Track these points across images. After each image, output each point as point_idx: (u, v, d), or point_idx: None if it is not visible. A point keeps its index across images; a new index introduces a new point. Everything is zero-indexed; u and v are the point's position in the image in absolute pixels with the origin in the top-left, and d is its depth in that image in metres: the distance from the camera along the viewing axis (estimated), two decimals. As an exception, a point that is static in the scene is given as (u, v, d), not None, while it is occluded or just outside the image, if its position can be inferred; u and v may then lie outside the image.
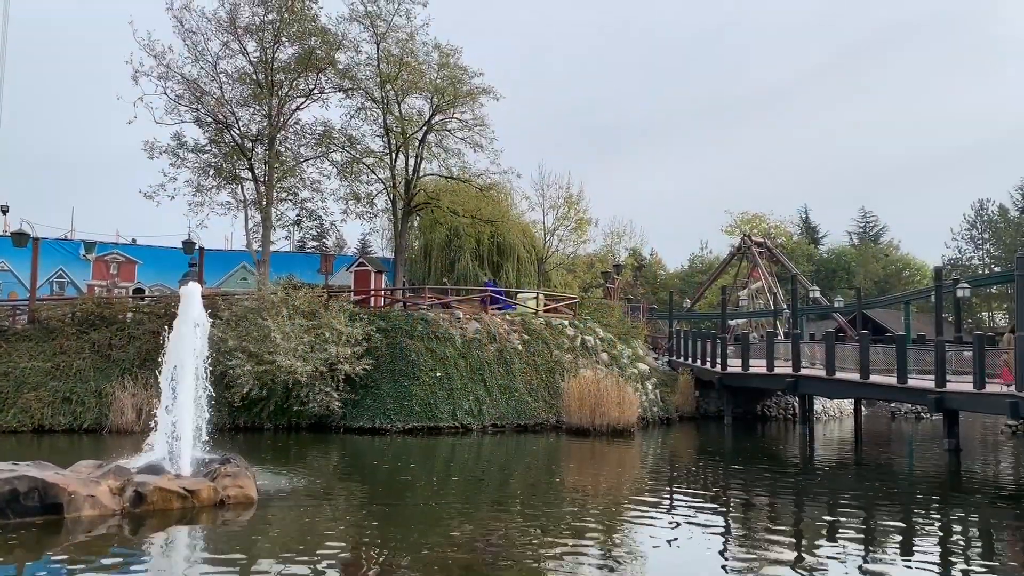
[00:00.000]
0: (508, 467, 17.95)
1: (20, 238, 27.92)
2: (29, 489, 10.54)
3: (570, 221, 40.57)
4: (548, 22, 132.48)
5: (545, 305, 30.36)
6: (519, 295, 31.02)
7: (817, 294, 50.63)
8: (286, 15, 28.02)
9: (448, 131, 32.58)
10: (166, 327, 13.81)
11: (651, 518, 11.80)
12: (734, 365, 27.58)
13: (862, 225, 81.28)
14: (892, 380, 20.50)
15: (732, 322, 48.28)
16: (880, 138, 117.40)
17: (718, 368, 27.98)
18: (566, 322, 28.44)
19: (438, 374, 23.82)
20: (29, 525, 10.23)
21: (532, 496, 13.76)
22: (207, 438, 13.59)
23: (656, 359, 33.17)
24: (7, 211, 34.84)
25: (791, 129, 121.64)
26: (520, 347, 25.84)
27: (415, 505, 12.78)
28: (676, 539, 10.68)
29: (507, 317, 27.34)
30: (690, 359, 31.61)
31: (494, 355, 25.07)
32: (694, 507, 12.96)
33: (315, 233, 42.75)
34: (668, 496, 14.16)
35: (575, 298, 33.73)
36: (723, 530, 11.45)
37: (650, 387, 27.49)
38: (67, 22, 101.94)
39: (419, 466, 17.19)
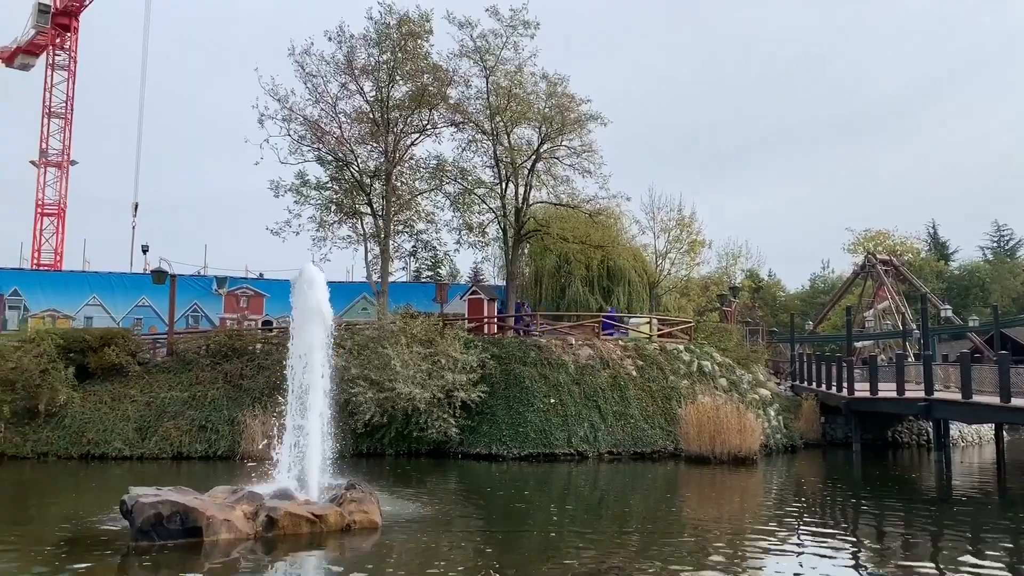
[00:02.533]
0: (625, 495, 17.74)
1: (159, 276, 29.92)
2: (172, 513, 11.19)
3: (682, 243, 39.95)
4: (647, 40, 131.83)
5: (659, 330, 29.98)
6: (631, 320, 30.77)
7: (949, 313, 47.85)
8: (400, 55, 29.15)
9: (556, 159, 32.83)
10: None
11: (776, 551, 11.43)
12: (861, 389, 26.39)
13: (996, 239, 76.55)
14: (1038, 404, 19.12)
15: (858, 344, 46.30)
16: (1011, 148, 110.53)
17: (844, 392, 26.82)
18: (681, 347, 27.98)
19: (552, 400, 23.86)
20: (172, 547, 10.84)
21: (651, 525, 13.57)
22: (332, 463, 14.09)
23: (778, 384, 32.14)
24: (147, 250, 37.49)
25: (913, 143, 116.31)
26: (634, 373, 25.58)
27: (532, 533, 12.82)
28: (803, 573, 10.29)
29: (619, 343, 27.17)
30: (814, 384, 30.45)
31: (608, 381, 24.91)
32: (822, 540, 12.43)
33: (430, 263, 43.93)
34: (794, 528, 13.65)
35: (690, 322, 33.15)
36: (853, 564, 10.94)
37: (772, 413, 26.63)
38: (198, 71, 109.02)
39: (535, 493, 17.24)
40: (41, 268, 43.58)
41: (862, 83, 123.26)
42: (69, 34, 50.53)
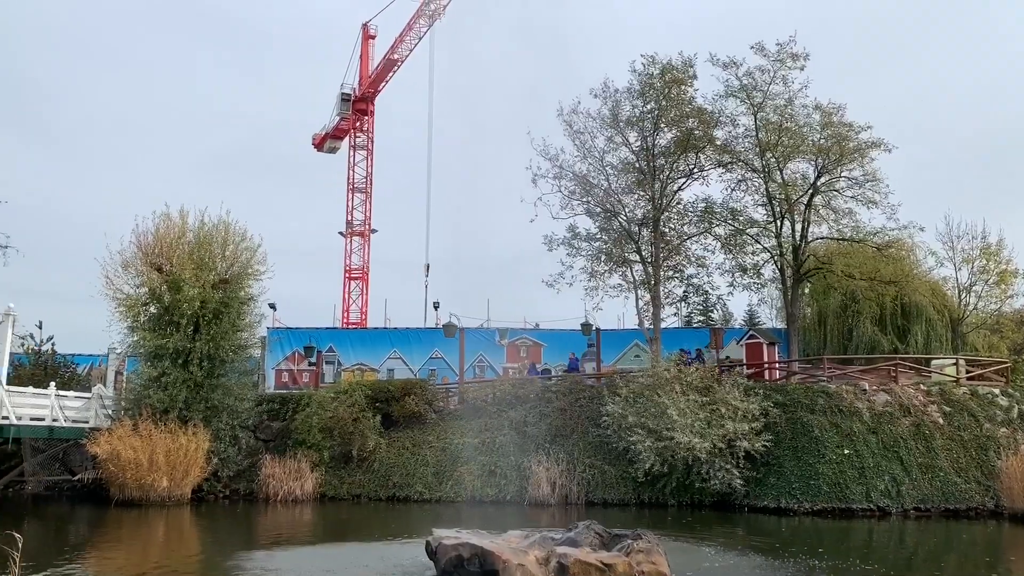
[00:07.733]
0: (937, 557, 15.98)
1: (450, 329, 32.36)
2: (471, 556, 11.86)
3: (990, 274, 35.75)
4: (941, 48, 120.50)
5: (968, 372, 26.94)
6: (932, 362, 27.94)
7: None
8: (664, 103, 29.43)
9: (836, 191, 31.15)
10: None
11: None
12: None
13: None
14: None
15: None
16: None
17: None
18: (996, 391, 24.91)
19: (846, 451, 22.21)
20: (473, 588, 11.47)
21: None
22: (615, 511, 14.21)
23: (1125, 431, 27.36)
24: (438, 307, 40.58)
25: None
26: (941, 421, 23.15)
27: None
28: None
29: (921, 387, 24.77)
30: None
31: (909, 430, 22.74)
32: None
33: (701, 308, 43.20)
34: None
35: (1005, 362, 29.39)
36: None
37: (1119, 467, 22.69)
38: (473, 136, 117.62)
39: (832, 551, 16.06)
40: (350, 327, 48.82)
41: None
42: (366, 117, 56.93)
